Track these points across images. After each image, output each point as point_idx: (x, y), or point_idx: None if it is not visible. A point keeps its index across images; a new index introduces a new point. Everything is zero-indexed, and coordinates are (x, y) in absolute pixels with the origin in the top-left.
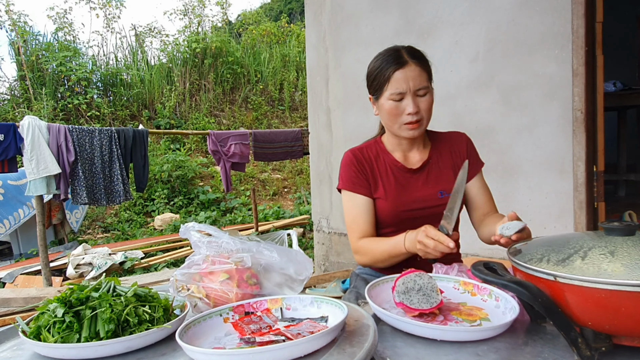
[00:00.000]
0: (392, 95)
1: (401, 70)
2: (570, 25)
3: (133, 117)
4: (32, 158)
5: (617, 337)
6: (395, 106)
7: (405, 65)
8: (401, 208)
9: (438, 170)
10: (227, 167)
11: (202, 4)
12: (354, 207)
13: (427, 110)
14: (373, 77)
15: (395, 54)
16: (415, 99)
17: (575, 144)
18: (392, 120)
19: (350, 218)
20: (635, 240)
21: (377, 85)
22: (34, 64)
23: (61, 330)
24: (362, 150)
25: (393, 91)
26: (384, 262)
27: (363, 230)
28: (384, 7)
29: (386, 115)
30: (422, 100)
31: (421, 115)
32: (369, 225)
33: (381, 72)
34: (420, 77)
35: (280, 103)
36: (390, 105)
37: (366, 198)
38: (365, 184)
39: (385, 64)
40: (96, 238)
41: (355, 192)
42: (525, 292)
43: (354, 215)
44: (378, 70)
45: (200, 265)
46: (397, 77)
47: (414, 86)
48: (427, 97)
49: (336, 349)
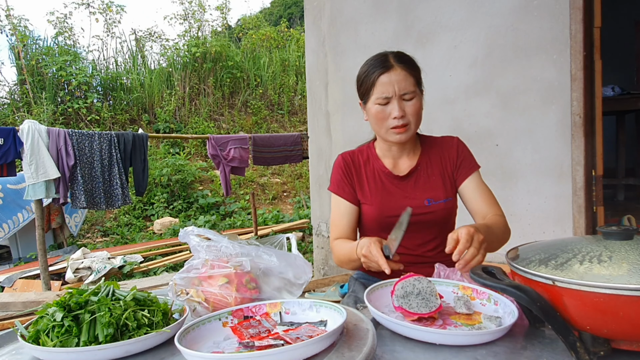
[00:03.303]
0: (378, 99)
1: (386, 74)
2: (568, 30)
3: (133, 121)
4: (32, 162)
5: (616, 342)
6: (382, 110)
7: (390, 69)
8: (386, 214)
9: (426, 177)
10: (227, 171)
11: (202, 9)
12: (337, 210)
13: (413, 114)
14: (360, 82)
15: (381, 59)
16: (401, 103)
17: (574, 148)
18: (378, 125)
19: (332, 219)
20: (634, 245)
21: (364, 90)
22: (34, 68)
23: (60, 335)
24: (353, 155)
25: (379, 95)
26: (347, 265)
27: (340, 233)
28: (383, 12)
29: (373, 119)
30: (408, 104)
31: (407, 120)
32: (346, 228)
33: (367, 77)
34: (405, 80)
35: (280, 107)
36: (376, 110)
37: (348, 203)
38: (349, 189)
39: (371, 68)
40: (95, 242)
41: (339, 196)
42: (524, 296)
43: (334, 217)
44: (365, 75)
45: (200, 270)
46: (383, 80)
47: (399, 90)
48: (414, 101)
49: (335, 353)
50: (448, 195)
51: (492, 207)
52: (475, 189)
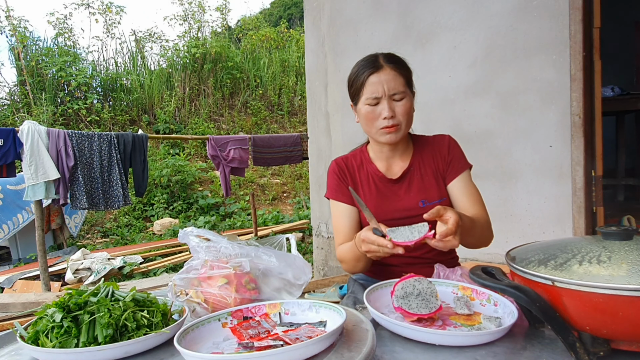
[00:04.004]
0: (368, 99)
1: (376, 74)
2: (568, 30)
3: (133, 122)
4: (32, 163)
5: (615, 342)
6: (372, 110)
7: (380, 70)
8: (382, 217)
9: (420, 178)
10: (227, 171)
11: (202, 10)
12: (337, 215)
13: (404, 114)
14: (351, 83)
15: (371, 59)
16: (390, 103)
17: (573, 149)
18: (369, 125)
19: (334, 226)
20: (633, 245)
21: (354, 90)
22: (33, 69)
23: (59, 335)
24: (347, 160)
25: (369, 95)
26: (355, 266)
27: (344, 237)
28: (383, 13)
29: (363, 120)
30: (398, 104)
31: (398, 120)
32: (350, 231)
33: (357, 78)
34: (395, 80)
35: (280, 108)
36: (366, 110)
37: (347, 206)
38: (346, 192)
39: (361, 69)
40: (95, 243)
41: (338, 201)
42: (523, 296)
43: (336, 223)
44: (355, 75)
45: (199, 270)
46: (372, 81)
47: (389, 90)
48: (404, 101)
49: (334, 353)
50: (442, 195)
51: (479, 208)
52: (463, 188)
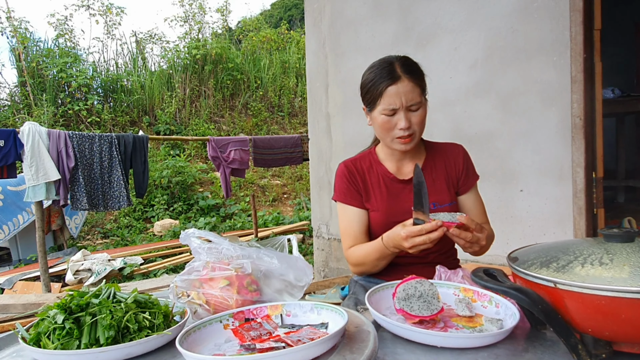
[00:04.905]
0: (385, 110)
1: (394, 86)
2: (568, 32)
3: (133, 123)
4: (32, 164)
5: (617, 344)
6: (388, 120)
7: (398, 81)
8: (392, 219)
9: (431, 182)
10: (227, 173)
11: (202, 11)
12: (346, 218)
13: (419, 123)
14: (366, 90)
15: (388, 68)
16: (407, 114)
17: (574, 150)
18: (384, 134)
19: (342, 229)
20: (635, 247)
21: (370, 98)
22: (34, 70)
23: (61, 337)
24: (355, 162)
25: (386, 107)
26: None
27: (354, 240)
28: (384, 14)
29: (379, 128)
30: (414, 115)
31: (413, 130)
32: (360, 234)
33: (374, 86)
34: (413, 92)
35: (280, 109)
36: (382, 120)
37: (357, 209)
38: (356, 195)
39: (378, 78)
40: (95, 244)
41: (346, 204)
42: (525, 298)
43: (345, 226)
44: (371, 83)
45: (200, 272)
46: (390, 92)
47: (406, 102)
48: (420, 111)
49: (336, 355)
50: (452, 200)
51: (486, 219)
52: (475, 200)
